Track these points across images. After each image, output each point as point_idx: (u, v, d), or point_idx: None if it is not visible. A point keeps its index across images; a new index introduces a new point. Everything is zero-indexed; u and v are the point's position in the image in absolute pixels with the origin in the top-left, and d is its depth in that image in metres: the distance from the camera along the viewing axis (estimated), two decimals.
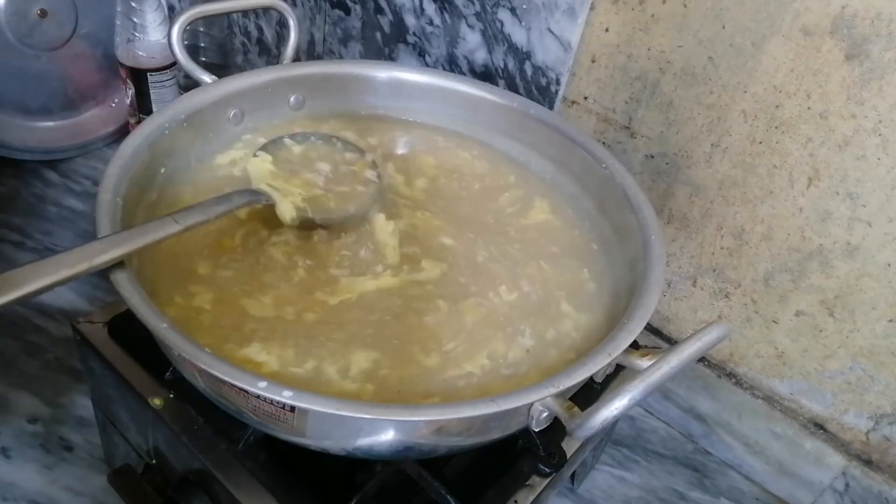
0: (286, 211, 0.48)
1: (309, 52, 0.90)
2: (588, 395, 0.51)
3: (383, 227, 0.51)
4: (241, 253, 0.48)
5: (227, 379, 0.34)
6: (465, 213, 0.56)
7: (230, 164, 0.55)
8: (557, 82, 0.67)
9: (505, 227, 0.55)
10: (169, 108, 0.51)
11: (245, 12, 0.95)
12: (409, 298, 0.47)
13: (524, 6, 0.66)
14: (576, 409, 0.36)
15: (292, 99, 0.60)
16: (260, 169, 0.51)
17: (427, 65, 0.77)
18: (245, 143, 0.57)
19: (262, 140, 0.58)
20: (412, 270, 0.49)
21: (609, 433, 0.67)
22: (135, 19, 0.80)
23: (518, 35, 0.68)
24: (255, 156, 0.52)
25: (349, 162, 0.54)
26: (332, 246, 0.50)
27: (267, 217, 0.49)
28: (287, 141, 0.54)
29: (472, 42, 0.72)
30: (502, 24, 0.68)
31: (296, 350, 0.42)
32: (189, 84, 0.90)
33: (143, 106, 0.86)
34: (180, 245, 0.47)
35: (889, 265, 0.55)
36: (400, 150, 0.61)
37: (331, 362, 0.42)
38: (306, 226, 0.49)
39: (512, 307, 0.48)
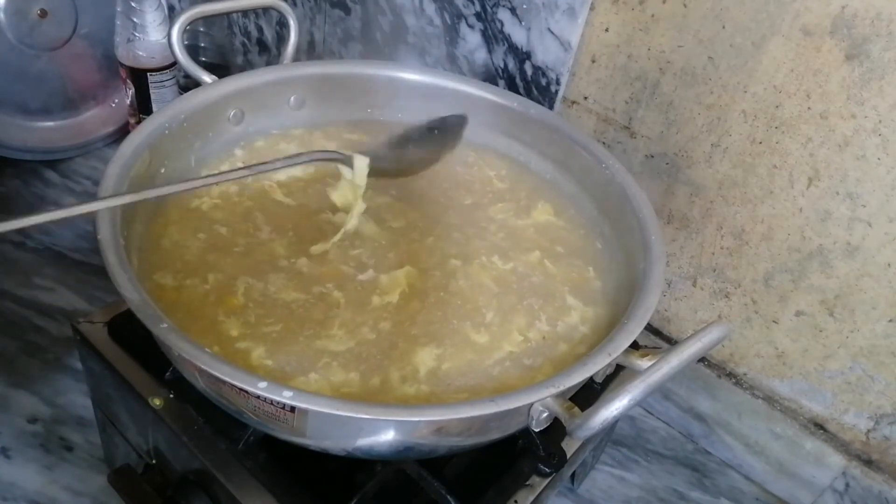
0: (360, 166, 0.48)
1: (309, 52, 0.90)
2: (588, 395, 0.51)
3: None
4: (262, 306, 0.45)
5: (227, 379, 0.34)
6: (465, 213, 0.56)
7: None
8: (557, 82, 0.67)
9: (505, 227, 0.55)
10: (169, 108, 0.51)
11: (245, 12, 0.95)
12: (433, 268, 0.49)
13: (524, 6, 0.66)
14: (576, 409, 0.36)
15: (292, 99, 0.60)
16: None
17: (427, 65, 0.77)
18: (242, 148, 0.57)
19: (261, 143, 0.59)
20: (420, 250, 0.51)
21: (609, 433, 0.67)
22: (135, 19, 0.80)
23: (518, 35, 0.68)
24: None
25: None
26: (330, 259, 0.49)
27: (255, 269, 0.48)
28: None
29: (472, 42, 0.72)
30: (502, 24, 0.68)
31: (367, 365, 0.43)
32: (189, 84, 0.90)
33: (143, 106, 0.86)
34: (190, 309, 0.44)
35: (889, 265, 0.55)
36: None
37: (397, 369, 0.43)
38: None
39: (515, 274, 0.51)
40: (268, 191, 0.54)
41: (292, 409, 0.36)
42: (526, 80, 0.69)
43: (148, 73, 0.83)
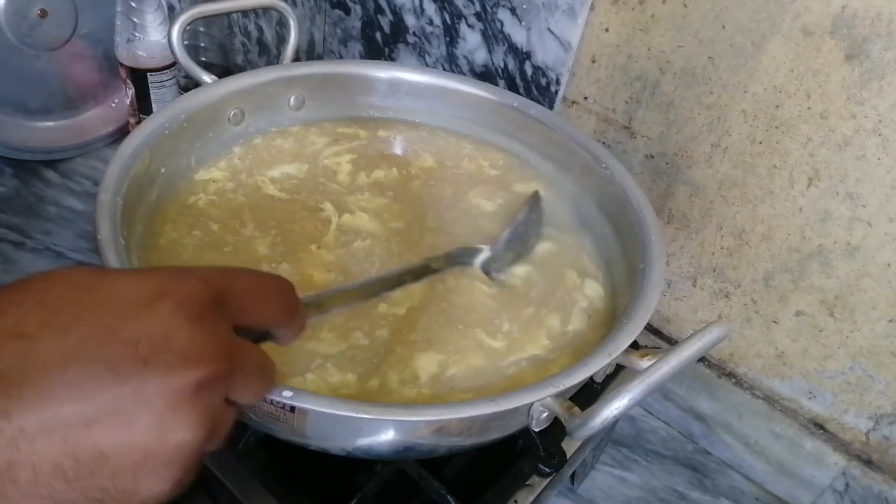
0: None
1: (309, 52, 0.90)
2: (588, 395, 0.51)
3: None
4: None
5: None
6: (463, 213, 0.56)
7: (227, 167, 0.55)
8: (557, 82, 0.67)
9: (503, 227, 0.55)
10: (169, 108, 0.51)
11: (245, 12, 0.95)
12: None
13: (524, 6, 0.66)
14: (576, 409, 0.36)
15: (292, 99, 0.60)
16: None
17: (427, 65, 0.77)
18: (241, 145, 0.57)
19: (258, 141, 0.58)
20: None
21: (609, 433, 0.67)
22: (135, 19, 0.80)
23: (518, 35, 0.68)
24: None
25: None
26: (317, 262, 0.49)
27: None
28: None
29: (472, 42, 0.72)
30: (502, 24, 0.68)
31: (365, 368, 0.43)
32: (189, 84, 0.90)
33: (143, 106, 0.86)
34: None
35: (889, 265, 0.55)
36: (399, 151, 0.61)
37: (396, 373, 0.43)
38: None
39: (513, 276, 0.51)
40: (261, 187, 0.54)
41: (292, 409, 0.36)
42: (526, 80, 0.69)
43: (148, 73, 0.83)
